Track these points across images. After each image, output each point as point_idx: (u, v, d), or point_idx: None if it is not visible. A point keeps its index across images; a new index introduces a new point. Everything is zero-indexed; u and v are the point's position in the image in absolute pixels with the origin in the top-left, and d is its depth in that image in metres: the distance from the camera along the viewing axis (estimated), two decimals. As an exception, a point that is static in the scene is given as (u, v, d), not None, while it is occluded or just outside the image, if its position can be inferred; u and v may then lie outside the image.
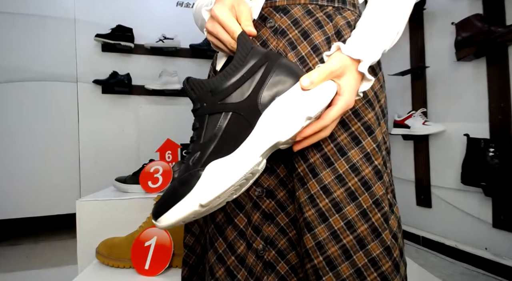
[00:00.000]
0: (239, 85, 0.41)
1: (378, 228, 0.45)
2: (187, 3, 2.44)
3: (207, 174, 0.38)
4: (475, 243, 1.52)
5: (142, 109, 2.25)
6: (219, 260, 0.48)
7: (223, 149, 0.39)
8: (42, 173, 2.03)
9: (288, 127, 0.39)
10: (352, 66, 0.42)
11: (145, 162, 1.21)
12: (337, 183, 0.45)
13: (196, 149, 0.40)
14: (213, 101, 0.41)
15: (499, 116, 1.41)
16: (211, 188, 0.37)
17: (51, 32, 2.09)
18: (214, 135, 0.39)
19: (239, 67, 0.42)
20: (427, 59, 1.83)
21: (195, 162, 0.39)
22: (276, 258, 0.51)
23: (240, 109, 0.40)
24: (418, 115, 1.78)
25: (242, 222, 0.49)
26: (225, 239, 0.49)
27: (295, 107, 0.39)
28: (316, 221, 0.45)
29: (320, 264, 0.44)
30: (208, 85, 0.41)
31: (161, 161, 1.23)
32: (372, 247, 0.44)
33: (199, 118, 0.41)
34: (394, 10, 0.47)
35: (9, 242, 1.97)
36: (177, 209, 0.37)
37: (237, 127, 0.40)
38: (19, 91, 2.01)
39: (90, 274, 0.88)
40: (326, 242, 0.44)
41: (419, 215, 1.87)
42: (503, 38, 1.31)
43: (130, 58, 2.29)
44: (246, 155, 0.39)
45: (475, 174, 1.43)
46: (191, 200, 0.37)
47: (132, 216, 1.04)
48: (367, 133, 0.48)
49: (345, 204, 0.45)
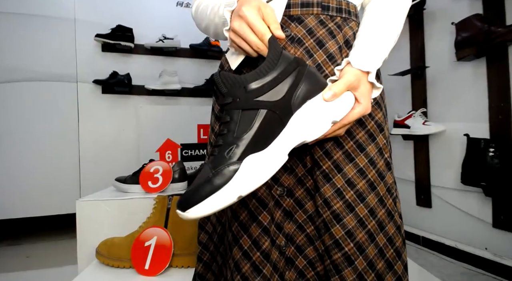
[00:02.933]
0: (274, 85, 0.43)
1: (392, 211, 0.53)
2: (187, 3, 2.44)
3: (246, 167, 0.39)
4: (475, 243, 1.52)
5: (142, 109, 2.25)
6: (244, 256, 0.51)
7: (257, 143, 0.41)
8: (42, 173, 2.03)
9: (317, 129, 0.44)
10: (364, 77, 0.47)
11: (145, 162, 1.21)
12: (360, 176, 0.51)
13: (230, 142, 0.41)
14: (247, 97, 0.42)
15: (499, 116, 1.41)
16: (251, 181, 0.39)
17: (51, 32, 2.09)
18: (249, 129, 0.41)
19: (272, 68, 0.44)
20: (427, 59, 1.83)
21: (231, 155, 0.39)
22: (295, 253, 0.54)
23: (276, 107, 0.42)
24: (418, 115, 1.78)
25: (266, 220, 0.52)
26: (250, 236, 0.51)
27: (324, 112, 0.44)
28: (344, 212, 0.49)
29: (351, 250, 0.49)
30: (241, 82, 0.43)
31: (161, 161, 1.23)
32: (388, 227, 0.51)
33: (231, 113, 0.42)
34: (390, 20, 0.52)
35: (9, 242, 1.97)
36: (213, 200, 0.37)
37: (271, 124, 0.42)
38: (19, 91, 2.01)
39: (90, 274, 0.88)
40: (354, 230, 0.49)
41: (419, 215, 1.87)
42: (503, 38, 1.31)
43: (130, 58, 2.29)
44: (279, 150, 0.42)
45: (475, 174, 1.43)
46: (229, 192, 0.38)
47: (132, 216, 1.04)
48: (379, 130, 0.55)
49: (367, 193, 0.51)
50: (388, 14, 0.52)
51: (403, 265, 0.52)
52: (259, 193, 0.52)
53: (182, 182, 1.23)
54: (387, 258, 0.50)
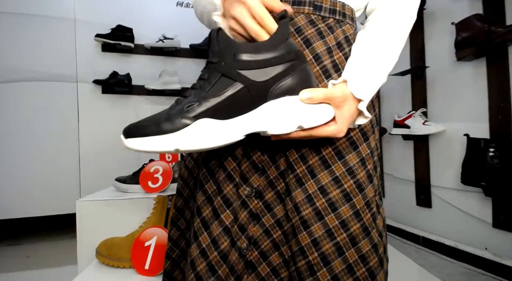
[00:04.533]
0: (263, 66, 0.42)
1: (368, 227, 0.48)
2: (187, 3, 2.44)
3: (197, 127, 0.38)
4: (475, 243, 1.52)
5: (142, 109, 2.25)
6: (201, 255, 0.49)
7: (219, 112, 0.40)
8: (42, 173, 2.03)
9: (281, 126, 0.42)
10: (353, 101, 0.45)
11: (145, 162, 1.21)
12: (334, 185, 0.48)
13: (195, 99, 0.40)
14: (232, 65, 0.41)
15: (499, 116, 1.41)
16: (194, 142, 0.38)
17: (51, 32, 2.09)
18: (218, 95, 0.40)
19: (271, 49, 0.42)
20: (427, 59, 1.83)
21: (189, 110, 0.39)
22: (258, 259, 0.51)
23: (253, 88, 0.41)
24: (418, 115, 1.78)
25: (228, 219, 0.50)
26: (210, 234, 0.50)
27: (295, 114, 0.42)
28: (312, 219, 0.47)
29: (315, 260, 0.47)
30: (234, 48, 0.41)
31: (161, 161, 1.23)
32: (362, 244, 0.47)
33: (211, 72, 0.42)
34: (395, 39, 0.50)
35: (9, 242, 1.97)
36: (152, 141, 0.37)
37: (241, 101, 0.41)
38: (19, 91, 2.01)
39: (90, 274, 0.88)
40: (321, 239, 0.47)
41: (419, 215, 1.87)
42: (503, 38, 1.31)
43: (130, 58, 2.29)
44: (236, 128, 0.40)
45: (475, 174, 1.43)
46: (170, 141, 0.37)
47: (132, 216, 1.04)
48: (363, 139, 0.51)
49: (340, 204, 0.47)
50: (392, 31, 0.51)
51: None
52: (225, 191, 0.50)
53: (182, 182, 1.23)
54: (357, 276, 0.47)
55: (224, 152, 0.51)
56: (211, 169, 0.53)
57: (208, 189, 0.52)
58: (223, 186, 0.51)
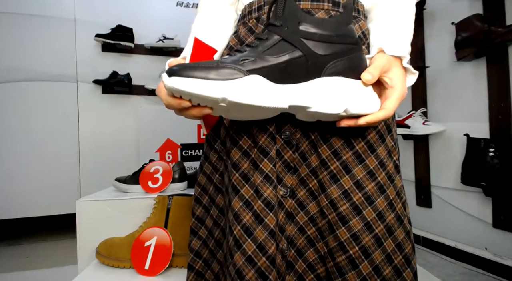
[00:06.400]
0: (325, 40, 0.42)
1: (401, 216, 0.50)
2: (187, 3, 2.44)
3: (249, 81, 0.38)
4: (475, 243, 1.52)
5: (142, 109, 2.25)
6: (248, 262, 0.48)
7: (272, 74, 0.39)
8: (42, 173, 2.03)
9: (327, 106, 0.41)
10: (396, 62, 0.46)
11: (145, 162, 1.21)
12: (369, 178, 0.49)
13: (252, 54, 0.40)
14: (296, 32, 0.41)
15: (499, 116, 1.41)
16: (243, 95, 0.37)
17: (51, 32, 2.09)
18: (275, 58, 0.40)
19: (333, 29, 0.43)
20: (427, 59, 1.83)
21: (243, 63, 0.39)
22: (295, 257, 0.52)
23: (312, 58, 0.41)
24: (418, 115, 1.78)
25: (272, 222, 0.49)
26: (255, 240, 0.48)
27: (345, 96, 0.42)
28: (350, 214, 0.48)
29: (356, 254, 0.47)
30: (300, 17, 0.42)
31: (161, 161, 1.23)
32: (398, 233, 0.49)
33: (271, 35, 0.42)
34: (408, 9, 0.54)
35: (9, 242, 1.97)
36: (200, 84, 0.36)
37: (297, 68, 0.41)
38: (19, 91, 2.01)
39: (90, 274, 0.88)
40: (360, 233, 0.48)
41: (419, 215, 1.87)
42: (503, 38, 1.31)
43: (130, 58, 2.29)
44: (284, 95, 0.40)
45: (475, 174, 1.43)
46: (219, 88, 0.36)
47: (132, 216, 1.04)
48: (388, 131, 0.54)
49: (376, 197, 0.49)
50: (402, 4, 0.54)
51: (412, 272, 0.50)
52: (266, 194, 0.49)
53: (182, 182, 1.23)
54: (395, 264, 0.48)
55: (258, 155, 0.51)
56: (244, 173, 0.51)
57: (245, 194, 0.50)
58: (263, 189, 0.50)
